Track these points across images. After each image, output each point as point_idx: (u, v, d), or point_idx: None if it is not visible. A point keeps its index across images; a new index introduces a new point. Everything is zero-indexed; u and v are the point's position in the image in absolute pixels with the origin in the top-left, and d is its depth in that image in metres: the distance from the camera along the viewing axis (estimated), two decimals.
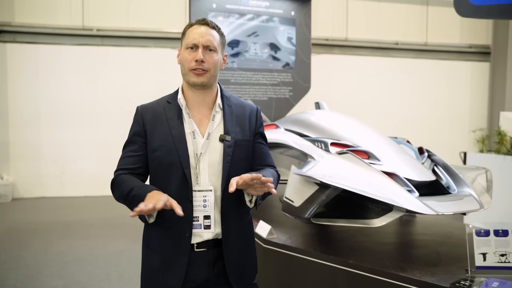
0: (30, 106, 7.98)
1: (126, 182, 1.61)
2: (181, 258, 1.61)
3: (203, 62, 1.61)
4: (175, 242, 1.62)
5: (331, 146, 2.77)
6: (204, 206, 1.63)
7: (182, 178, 1.61)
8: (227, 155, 1.64)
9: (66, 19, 8.09)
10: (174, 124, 1.64)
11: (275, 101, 5.19)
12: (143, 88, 8.25)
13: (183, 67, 1.66)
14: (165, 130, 1.64)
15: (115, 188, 1.66)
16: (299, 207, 2.48)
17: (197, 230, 1.62)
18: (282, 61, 5.22)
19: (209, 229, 1.63)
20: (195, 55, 1.62)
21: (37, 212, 6.85)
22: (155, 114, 1.68)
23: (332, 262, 2.40)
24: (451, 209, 2.35)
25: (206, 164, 1.64)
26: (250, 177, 1.48)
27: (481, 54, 9.93)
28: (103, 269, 4.26)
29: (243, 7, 5.00)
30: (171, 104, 1.69)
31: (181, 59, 1.67)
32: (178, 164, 1.61)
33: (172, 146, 1.62)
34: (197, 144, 1.64)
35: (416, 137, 8.83)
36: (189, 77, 1.64)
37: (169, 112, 1.67)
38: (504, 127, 5.48)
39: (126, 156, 1.69)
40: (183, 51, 1.66)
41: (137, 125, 1.69)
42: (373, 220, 2.39)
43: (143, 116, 1.69)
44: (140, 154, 1.68)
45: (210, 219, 1.63)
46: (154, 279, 1.66)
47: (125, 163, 1.68)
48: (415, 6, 9.60)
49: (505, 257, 2.13)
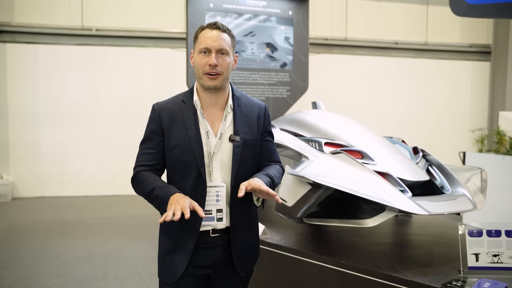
0: (30, 106, 7.99)
1: (147, 180, 1.72)
2: (187, 246, 1.73)
3: (217, 66, 1.71)
4: (184, 232, 1.74)
5: (325, 146, 2.76)
6: (217, 200, 1.74)
7: (197, 176, 1.72)
8: (236, 154, 1.75)
9: (66, 19, 8.10)
10: (190, 124, 1.74)
11: (273, 101, 5.19)
12: (142, 88, 8.26)
13: (197, 70, 1.75)
14: (181, 130, 1.74)
15: (136, 184, 1.78)
16: (292, 207, 2.48)
17: (211, 222, 1.75)
18: (280, 61, 5.21)
19: (222, 221, 1.76)
20: (208, 60, 1.70)
21: (36, 212, 6.86)
22: (171, 114, 1.76)
23: (324, 262, 2.40)
24: (444, 209, 2.34)
25: (218, 162, 1.75)
26: (259, 188, 1.64)
27: (481, 54, 9.89)
28: (100, 269, 4.26)
29: (240, 6, 4.99)
30: (186, 104, 1.78)
31: (194, 63, 1.76)
32: (194, 163, 1.72)
33: (188, 146, 1.72)
34: (211, 143, 1.74)
35: (416, 137, 8.83)
36: (204, 81, 1.73)
37: (185, 113, 1.76)
38: (503, 127, 5.45)
39: (144, 153, 1.79)
40: (197, 55, 1.75)
41: (154, 124, 1.78)
42: (365, 220, 2.38)
43: (160, 114, 1.77)
44: (158, 151, 1.77)
45: (222, 212, 1.75)
46: (161, 266, 1.81)
47: (144, 160, 1.78)
48: (415, 5, 9.57)
49: (497, 258, 2.12)
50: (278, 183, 1.85)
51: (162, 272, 1.81)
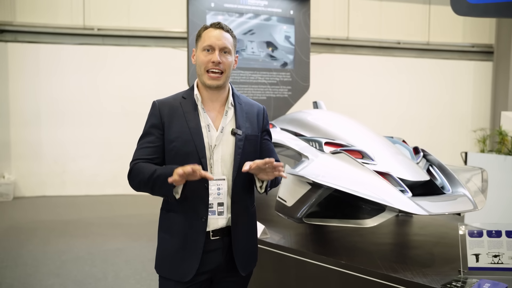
0: (31, 106, 8.00)
1: (147, 168, 1.70)
2: (197, 243, 1.72)
3: (220, 63, 1.74)
4: (192, 227, 1.72)
5: (325, 145, 2.75)
6: (218, 194, 1.75)
7: None
8: (239, 148, 1.77)
9: (67, 19, 8.11)
10: (191, 117, 1.75)
11: (274, 101, 5.18)
12: (144, 87, 8.26)
13: (199, 68, 1.77)
14: (182, 123, 1.75)
15: (134, 175, 1.73)
16: (292, 206, 2.47)
17: (212, 216, 1.74)
18: (280, 60, 5.20)
19: (222, 215, 1.76)
20: (211, 57, 1.74)
21: (37, 211, 6.87)
22: (171, 108, 1.78)
23: (324, 262, 2.39)
24: (444, 209, 2.32)
25: (219, 155, 1.76)
26: (263, 161, 1.61)
27: (484, 54, 9.86)
28: (100, 268, 4.26)
29: (241, 6, 4.99)
30: (186, 99, 1.80)
31: (197, 60, 1.79)
32: (195, 154, 1.72)
33: (189, 137, 1.72)
34: (212, 136, 1.75)
35: (418, 137, 8.80)
36: (205, 79, 1.76)
37: (186, 106, 1.78)
38: (505, 127, 5.43)
39: (143, 147, 1.77)
40: (199, 52, 1.78)
41: (155, 118, 1.78)
42: (365, 220, 2.37)
43: (160, 109, 1.78)
44: (157, 145, 1.76)
45: (224, 206, 1.75)
46: (170, 264, 1.75)
47: (142, 154, 1.76)
48: (417, 5, 9.55)
49: (498, 258, 2.11)
50: (278, 182, 1.85)
51: (172, 270, 1.75)
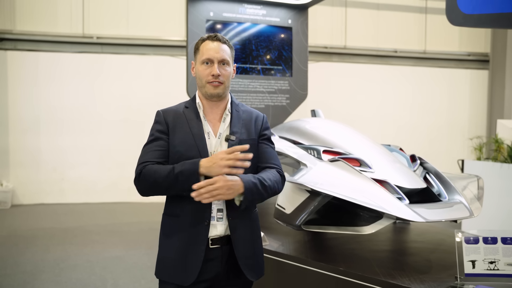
0: (30, 113, 8.02)
1: (161, 168, 1.73)
2: (199, 246, 1.75)
3: (219, 76, 1.81)
4: (195, 231, 1.76)
5: (324, 153, 2.79)
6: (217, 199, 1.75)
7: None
8: None
9: (67, 27, 8.16)
10: (194, 124, 1.83)
11: (272, 109, 5.22)
12: (142, 95, 8.30)
13: (200, 80, 1.85)
14: (185, 129, 1.82)
15: (146, 176, 1.74)
16: (290, 214, 2.50)
17: (211, 221, 1.78)
18: (278, 69, 5.24)
19: (222, 221, 1.80)
20: (211, 70, 1.81)
21: (36, 219, 6.87)
22: (175, 115, 1.86)
23: (323, 269, 2.41)
24: (441, 216, 2.36)
25: None
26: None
27: (480, 62, 9.96)
28: (99, 276, 4.26)
29: (240, 15, 5.04)
30: (189, 108, 1.88)
31: (197, 73, 1.87)
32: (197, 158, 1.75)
33: (192, 143, 1.79)
34: (211, 143, 1.83)
35: (415, 144, 8.85)
36: (207, 89, 1.83)
37: (189, 114, 1.86)
38: (501, 135, 5.48)
39: (152, 150, 1.81)
40: (199, 65, 1.85)
41: (160, 125, 1.85)
42: (363, 228, 2.40)
43: (165, 117, 1.86)
44: (165, 149, 1.81)
45: (223, 212, 1.80)
46: (171, 268, 1.78)
47: (151, 157, 1.79)
48: (414, 14, 9.65)
49: (494, 265, 2.14)
50: (274, 187, 1.79)
51: (173, 274, 1.77)
